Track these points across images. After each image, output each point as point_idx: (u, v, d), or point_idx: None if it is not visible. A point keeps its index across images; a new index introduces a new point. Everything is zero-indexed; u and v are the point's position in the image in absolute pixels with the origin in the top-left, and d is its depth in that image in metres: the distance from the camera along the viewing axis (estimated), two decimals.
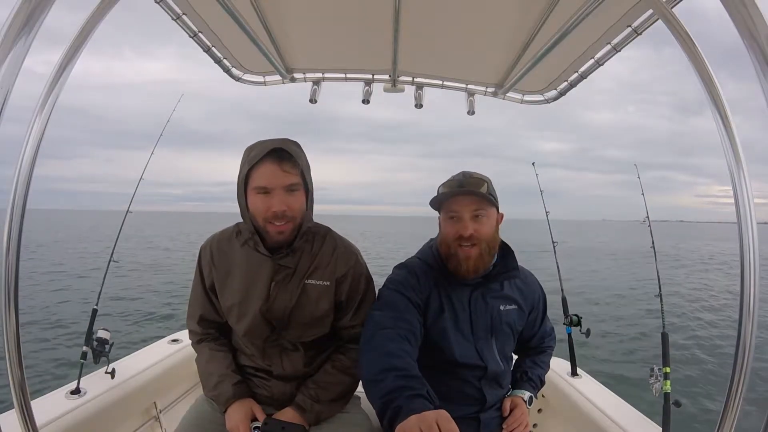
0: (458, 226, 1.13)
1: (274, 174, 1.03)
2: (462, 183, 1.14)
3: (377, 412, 0.89)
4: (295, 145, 1.09)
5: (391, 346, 0.99)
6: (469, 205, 1.12)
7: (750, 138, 43.70)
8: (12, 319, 0.69)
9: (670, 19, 0.74)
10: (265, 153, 1.03)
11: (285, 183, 1.04)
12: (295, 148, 1.07)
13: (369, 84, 1.78)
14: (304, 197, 1.10)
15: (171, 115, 1.97)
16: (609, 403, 1.63)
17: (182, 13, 1.28)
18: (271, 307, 1.11)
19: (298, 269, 1.14)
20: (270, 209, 1.04)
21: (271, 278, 1.12)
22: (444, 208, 1.17)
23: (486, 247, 1.13)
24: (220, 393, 1.11)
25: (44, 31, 0.54)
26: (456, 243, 1.13)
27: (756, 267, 0.67)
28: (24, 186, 0.68)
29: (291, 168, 1.05)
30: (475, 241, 1.12)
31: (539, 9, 1.18)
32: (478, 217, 1.13)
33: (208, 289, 1.19)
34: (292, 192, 1.06)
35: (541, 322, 1.35)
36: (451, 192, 1.14)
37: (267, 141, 1.07)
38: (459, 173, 1.18)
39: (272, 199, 1.04)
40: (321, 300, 1.14)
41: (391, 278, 1.20)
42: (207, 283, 1.18)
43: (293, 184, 1.06)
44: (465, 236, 1.11)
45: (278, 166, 1.03)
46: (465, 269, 1.13)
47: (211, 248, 1.18)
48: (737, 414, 0.69)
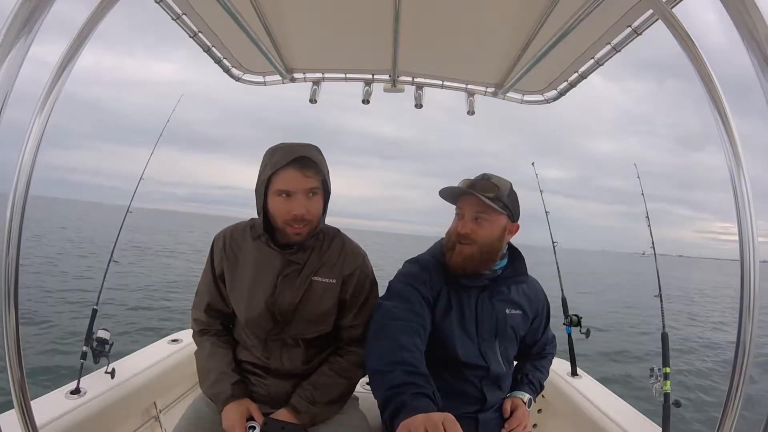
0: (459, 223, 1.16)
1: (296, 179, 1.06)
2: (473, 184, 1.16)
3: (379, 403, 0.88)
4: (317, 151, 1.12)
5: (403, 339, 0.99)
6: (472, 205, 1.14)
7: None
8: (12, 319, 0.69)
9: (670, 19, 0.74)
10: (289, 160, 1.05)
11: (306, 187, 1.07)
12: (316, 154, 1.10)
13: (369, 84, 1.78)
14: (322, 203, 1.13)
15: (170, 115, 1.98)
16: (609, 403, 1.63)
17: (182, 13, 1.28)
18: (276, 300, 1.13)
19: (307, 266, 1.16)
20: (290, 212, 1.07)
21: (279, 272, 1.14)
22: (456, 206, 1.20)
23: (479, 250, 1.14)
24: (218, 391, 1.11)
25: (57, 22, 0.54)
26: (455, 238, 1.16)
27: (756, 267, 0.67)
28: (24, 186, 0.68)
29: (313, 174, 1.08)
30: (470, 241, 1.13)
31: (539, 9, 1.18)
32: (479, 220, 1.14)
33: (217, 277, 1.20)
34: (313, 196, 1.09)
35: (544, 331, 1.36)
36: (458, 190, 1.17)
37: (290, 145, 1.09)
38: (480, 174, 1.20)
39: (293, 202, 1.07)
40: (326, 297, 1.15)
41: (402, 271, 1.21)
42: (217, 271, 1.20)
43: (314, 188, 1.09)
44: (461, 234, 1.14)
45: (301, 172, 1.06)
46: (453, 263, 1.16)
47: (225, 238, 1.21)
48: (737, 414, 0.69)
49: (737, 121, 0.70)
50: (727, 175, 0.68)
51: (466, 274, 1.17)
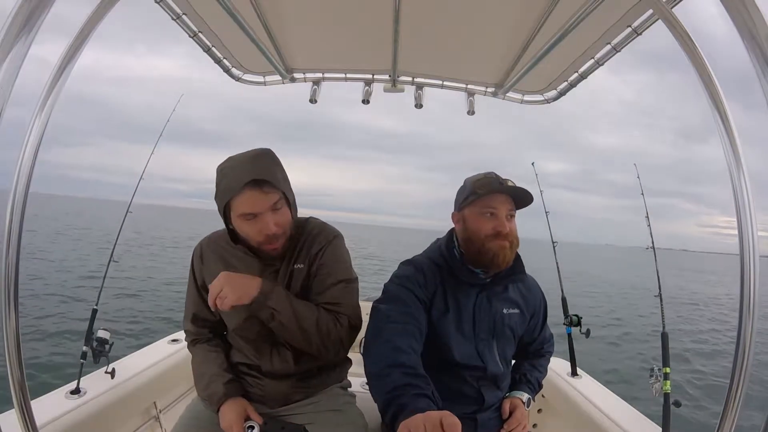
0: (495, 223, 1.14)
1: (257, 199, 1.02)
2: (501, 181, 1.16)
3: (380, 407, 0.89)
4: (268, 160, 1.07)
5: (400, 342, 0.99)
6: (506, 203, 1.15)
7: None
8: (12, 319, 0.69)
9: (670, 19, 0.74)
10: (243, 183, 1.00)
11: (269, 204, 1.04)
12: (268, 165, 1.05)
13: (369, 84, 1.78)
14: (288, 212, 1.10)
15: (171, 115, 1.98)
16: (609, 403, 1.63)
17: (182, 13, 1.28)
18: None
19: (284, 261, 1.15)
20: (261, 233, 1.04)
21: (260, 274, 1.12)
22: (478, 204, 1.17)
23: (516, 243, 1.16)
24: (212, 393, 1.12)
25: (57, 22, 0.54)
26: (491, 237, 1.13)
27: (756, 266, 0.67)
28: (24, 186, 0.68)
29: (271, 188, 1.04)
30: (510, 237, 1.14)
31: (539, 9, 1.18)
32: (512, 217, 1.16)
33: (200, 287, 1.20)
34: (278, 210, 1.06)
35: (541, 329, 1.36)
36: (494, 188, 1.15)
37: (240, 164, 1.04)
38: (490, 172, 1.20)
39: (260, 222, 1.04)
40: (297, 282, 1.14)
41: (397, 273, 1.20)
42: (199, 281, 1.20)
43: (277, 201, 1.05)
44: (503, 233, 1.13)
45: (260, 190, 1.01)
46: (501, 260, 1.13)
47: (202, 248, 1.21)
48: (737, 414, 0.69)
49: (741, 115, 0.70)
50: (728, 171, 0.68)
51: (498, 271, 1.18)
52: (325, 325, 1.08)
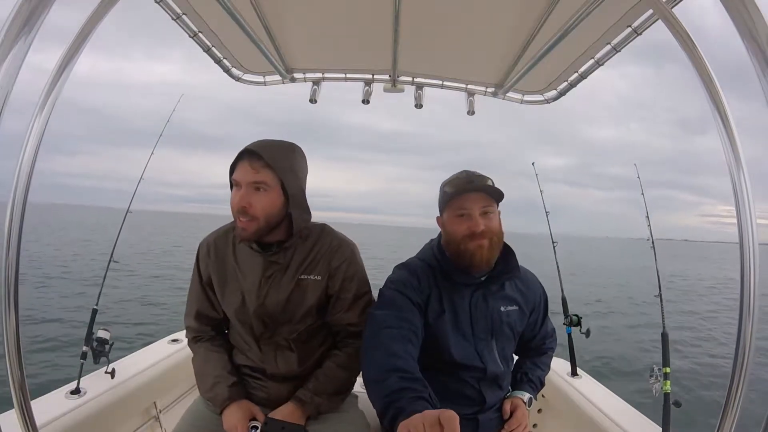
0: (469, 224, 1.12)
1: (244, 170, 1.05)
2: (471, 179, 1.14)
3: (378, 412, 0.89)
4: (282, 146, 1.09)
5: (395, 347, 0.99)
6: (478, 201, 1.12)
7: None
8: (12, 319, 0.69)
9: (670, 19, 0.73)
10: (241, 151, 1.06)
11: (251, 180, 1.04)
12: (274, 147, 1.07)
13: (369, 84, 1.78)
14: (278, 200, 1.07)
15: (170, 116, 1.97)
16: (609, 403, 1.63)
17: (182, 13, 1.28)
18: (263, 303, 1.12)
19: (292, 264, 1.14)
20: (235, 205, 1.06)
21: (262, 274, 1.13)
22: (451, 206, 1.16)
23: (496, 239, 1.14)
24: (216, 395, 1.11)
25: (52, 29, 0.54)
26: (467, 239, 1.12)
27: (756, 266, 0.67)
28: (24, 185, 0.68)
29: (260, 167, 1.04)
30: (487, 235, 1.12)
31: (539, 9, 1.18)
32: (487, 214, 1.13)
33: (205, 284, 1.20)
34: (257, 191, 1.05)
35: (542, 324, 1.34)
36: (462, 188, 1.13)
37: (258, 141, 1.09)
38: (461, 172, 1.18)
39: (238, 195, 1.06)
40: (312, 294, 1.14)
41: (391, 278, 1.20)
42: (204, 278, 1.20)
43: (259, 182, 1.04)
44: (477, 232, 1.11)
45: (248, 163, 1.04)
46: (479, 260, 1.12)
47: (208, 244, 1.21)
48: (737, 414, 0.69)
49: (739, 106, 0.70)
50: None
51: (489, 268, 1.17)
52: (352, 364, 1.17)
